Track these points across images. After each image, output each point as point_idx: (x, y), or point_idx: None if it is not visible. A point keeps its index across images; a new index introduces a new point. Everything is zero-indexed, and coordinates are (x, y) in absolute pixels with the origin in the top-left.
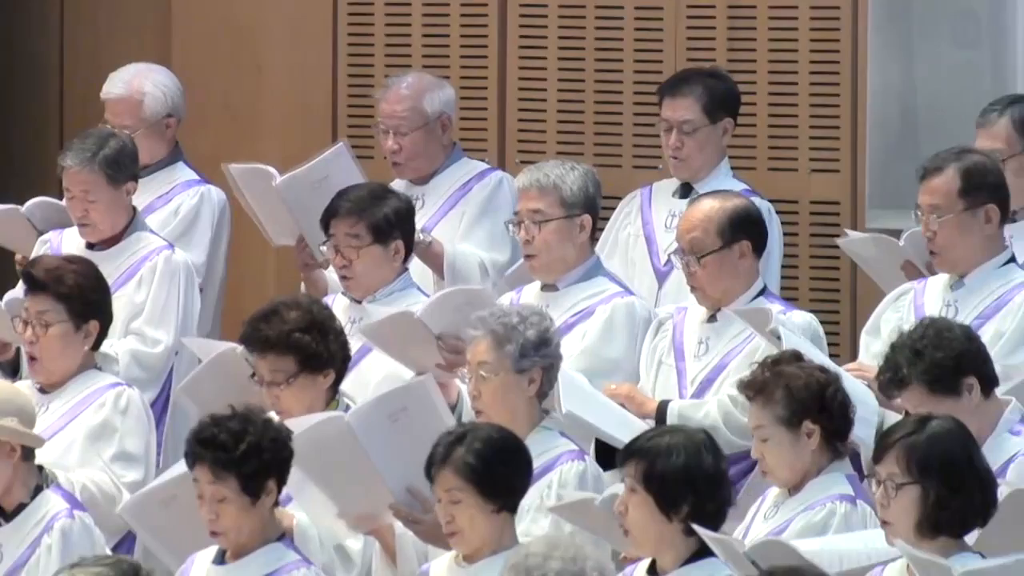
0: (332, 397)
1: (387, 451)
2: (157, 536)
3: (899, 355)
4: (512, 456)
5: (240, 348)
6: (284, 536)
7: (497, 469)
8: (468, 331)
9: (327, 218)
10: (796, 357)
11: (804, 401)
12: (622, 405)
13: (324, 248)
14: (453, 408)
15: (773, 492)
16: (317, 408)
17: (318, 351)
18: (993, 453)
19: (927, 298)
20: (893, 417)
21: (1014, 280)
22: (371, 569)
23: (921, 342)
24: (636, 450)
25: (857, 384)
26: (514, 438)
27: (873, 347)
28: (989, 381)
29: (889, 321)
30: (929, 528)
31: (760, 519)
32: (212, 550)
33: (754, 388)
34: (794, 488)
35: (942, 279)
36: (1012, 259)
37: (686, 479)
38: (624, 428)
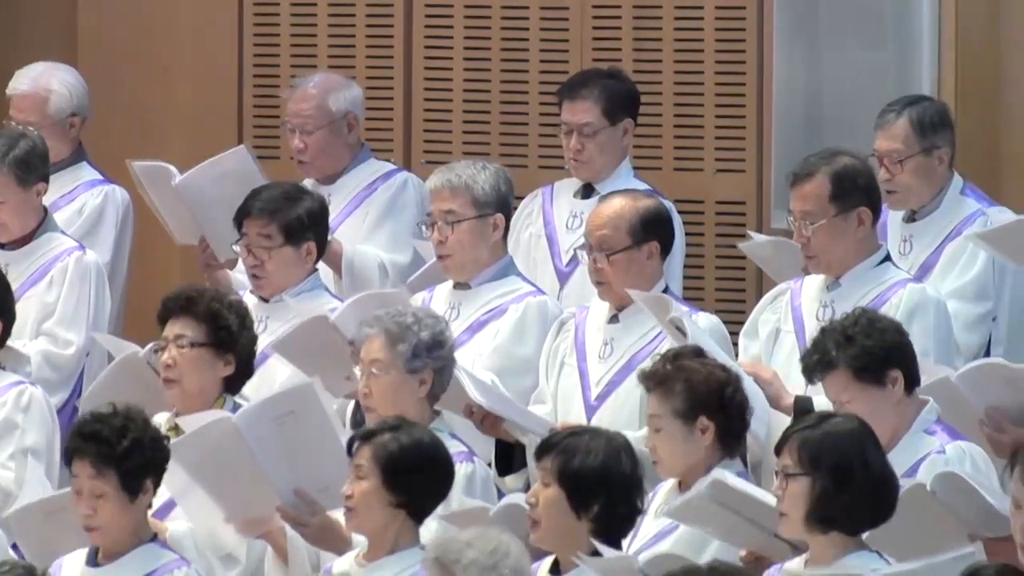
0: (221, 393)
1: (274, 453)
2: (37, 547)
3: (828, 338)
4: (431, 467)
5: (143, 352)
6: (156, 537)
7: (411, 469)
8: (363, 329)
9: (240, 217)
10: (698, 353)
11: (702, 397)
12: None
13: (237, 247)
14: None
15: (664, 488)
16: (208, 393)
17: (230, 328)
18: (907, 451)
19: (804, 298)
20: (778, 417)
21: (890, 279)
22: (258, 567)
23: (854, 328)
24: (554, 445)
25: (750, 382)
26: (444, 451)
27: (751, 349)
28: (913, 379)
29: (767, 322)
30: (817, 521)
31: (651, 516)
32: (82, 552)
33: (654, 379)
34: (684, 485)
35: (818, 279)
36: (887, 258)
37: (601, 479)
38: (535, 421)
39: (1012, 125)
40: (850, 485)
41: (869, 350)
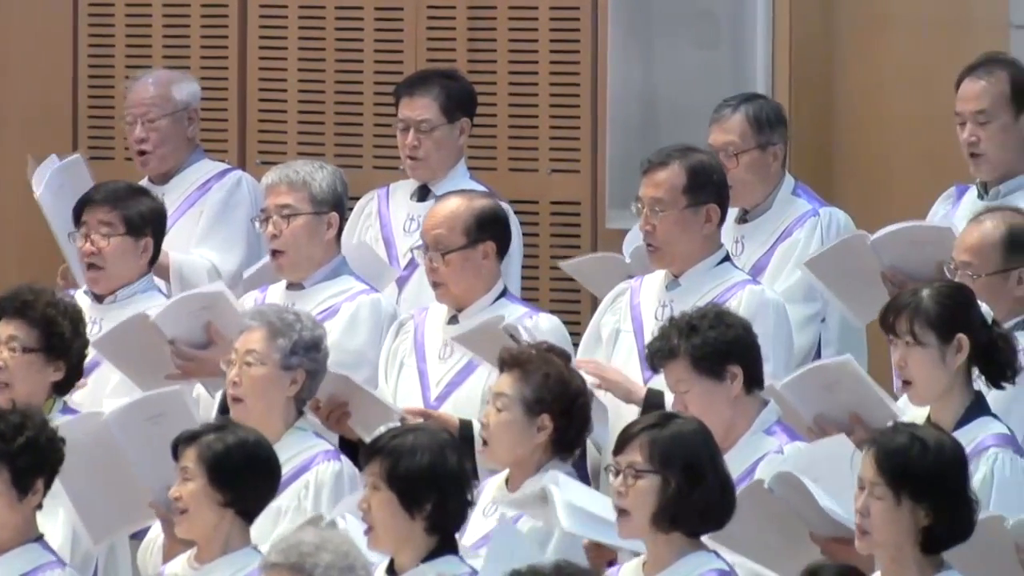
0: (50, 395)
1: (146, 452)
2: None
3: (674, 328)
4: (257, 465)
5: None
6: (41, 537)
7: (237, 467)
8: (244, 321)
9: (80, 206)
10: (567, 358)
11: (554, 395)
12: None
13: (74, 239)
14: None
15: (492, 485)
16: (37, 396)
17: (63, 334)
18: (746, 450)
19: (643, 297)
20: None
21: (730, 280)
22: (83, 565)
23: (700, 320)
24: (380, 448)
25: (599, 394)
26: (269, 451)
27: (596, 354)
28: (754, 379)
29: (607, 324)
30: (665, 520)
31: (479, 515)
32: None
33: (516, 361)
34: (513, 482)
35: (657, 278)
36: (726, 258)
37: (430, 478)
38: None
39: (844, 125)
40: (701, 485)
41: (710, 341)
